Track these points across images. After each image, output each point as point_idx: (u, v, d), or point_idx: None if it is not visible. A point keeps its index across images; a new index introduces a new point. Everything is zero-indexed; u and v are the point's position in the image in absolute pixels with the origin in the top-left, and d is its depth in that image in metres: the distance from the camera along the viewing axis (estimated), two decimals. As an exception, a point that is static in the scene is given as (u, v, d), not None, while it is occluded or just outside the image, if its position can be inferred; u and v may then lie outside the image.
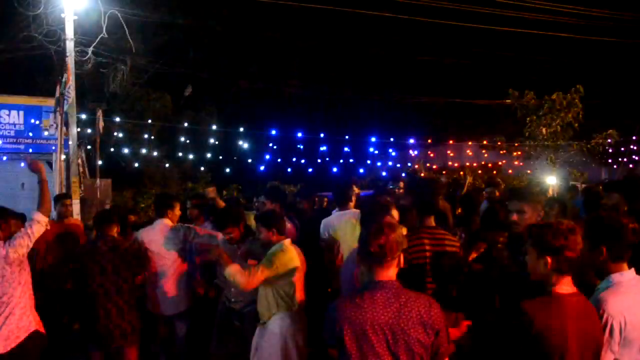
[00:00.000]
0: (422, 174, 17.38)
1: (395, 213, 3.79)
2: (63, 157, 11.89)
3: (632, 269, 2.69)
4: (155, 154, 18.33)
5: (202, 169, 19.12)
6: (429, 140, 22.71)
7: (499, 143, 18.81)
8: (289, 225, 5.56)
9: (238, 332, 4.68)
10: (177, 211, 5.49)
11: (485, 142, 19.99)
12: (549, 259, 2.43)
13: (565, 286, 2.45)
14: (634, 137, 18.88)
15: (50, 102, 12.31)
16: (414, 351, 2.39)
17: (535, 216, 3.53)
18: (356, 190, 6.35)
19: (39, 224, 4.16)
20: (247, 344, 4.32)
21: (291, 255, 4.15)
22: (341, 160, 19.63)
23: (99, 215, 5.07)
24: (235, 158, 18.26)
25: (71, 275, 5.05)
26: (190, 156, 17.77)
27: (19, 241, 4.06)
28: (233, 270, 4.05)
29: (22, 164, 14.07)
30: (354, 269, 3.60)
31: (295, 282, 4.16)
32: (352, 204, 5.53)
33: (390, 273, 2.51)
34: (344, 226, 5.18)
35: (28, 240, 4.10)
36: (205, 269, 5.48)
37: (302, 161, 19.23)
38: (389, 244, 2.46)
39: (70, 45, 11.34)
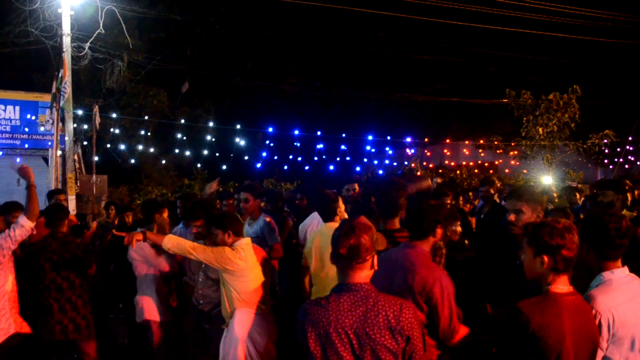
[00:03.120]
0: (419, 173, 17.39)
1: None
2: (59, 153, 11.85)
3: (625, 267, 2.70)
4: (151, 150, 18.31)
5: (199, 165, 19.09)
6: (426, 139, 22.75)
7: (496, 142, 18.84)
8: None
9: (208, 335, 4.59)
10: (166, 217, 5.36)
11: (481, 142, 20.02)
12: (546, 258, 2.42)
13: (562, 285, 2.45)
14: (630, 138, 18.92)
15: (47, 98, 12.31)
16: (381, 357, 2.30)
17: (534, 217, 3.31)
18: (357, 189, 6.40)
19: (22, 229, 4.10)
20: (217, 346, 4.23)
21: (244, 255, 4.07)
22: (338, 159, 19.62)
23: (50, 212, 4.97)
24: (231, 155, 18.22)
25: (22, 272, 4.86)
26: (187, 153, 17.74)
27: (0, 243, 4.02)
28: (173, 239, 4.04)
29: (18, 160, 14.06)
30: None
31: (252, 281, 4.09)
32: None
33: (362, 275, 2.40)
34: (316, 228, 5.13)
35: (10, 243, 4.05)
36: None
37: (299, 159, 19.21)
38: (361, 246, 2.36)
39: (67, 41, 11.31)
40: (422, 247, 3.15)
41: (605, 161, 20.78)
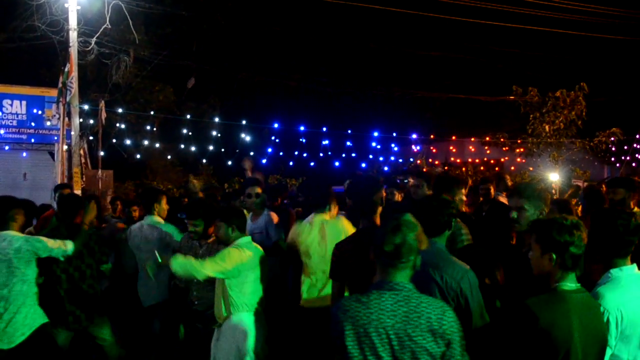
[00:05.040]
0: (424, 170, 17.34)
1: None
2: (65, 147, 11.90)
3: (634, 265, 2.69)
4: (157, 145, 18.32)
5: (204, 161, 19.12)
6: (432, 136, 22.67)
7: (502, 140, 18.72)
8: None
9: (201, 335, 4.54)
10: (164, 205, 5.39)
11: (487, 139, 19.92)
12: (554, 255, 2.40)
13: (570, 282, 2.43)
14: (637, 136, 18.80)
15: (53, 93, 12.32)
16: None
17: (536, 214, 3.29)
18: None
19: (59, 251, 4.24)
20: (208, 347, 4.21)
21: (247, 254, 3.95)
22: (343, 155, 19.61)
23: (64, 203, 4.99)
24: (237, 151, 18.22)
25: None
26: (192, 148, 17.75)
27: (38, 247, 4.13)
28: (179, 261, 3.89)
29: (24, 154, 14.11)
30: None
31: (252, 282, 3.98)
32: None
33: (404, 274, 2.35)
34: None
35: (44, 253, 4.17)
36: None
37: (304, 155, 19.19)
38: (407, 245, 2.31)
39: (73, 36, 11.33)
40: (441, 242, 3.14)
41: (612, 159, 20.63)
